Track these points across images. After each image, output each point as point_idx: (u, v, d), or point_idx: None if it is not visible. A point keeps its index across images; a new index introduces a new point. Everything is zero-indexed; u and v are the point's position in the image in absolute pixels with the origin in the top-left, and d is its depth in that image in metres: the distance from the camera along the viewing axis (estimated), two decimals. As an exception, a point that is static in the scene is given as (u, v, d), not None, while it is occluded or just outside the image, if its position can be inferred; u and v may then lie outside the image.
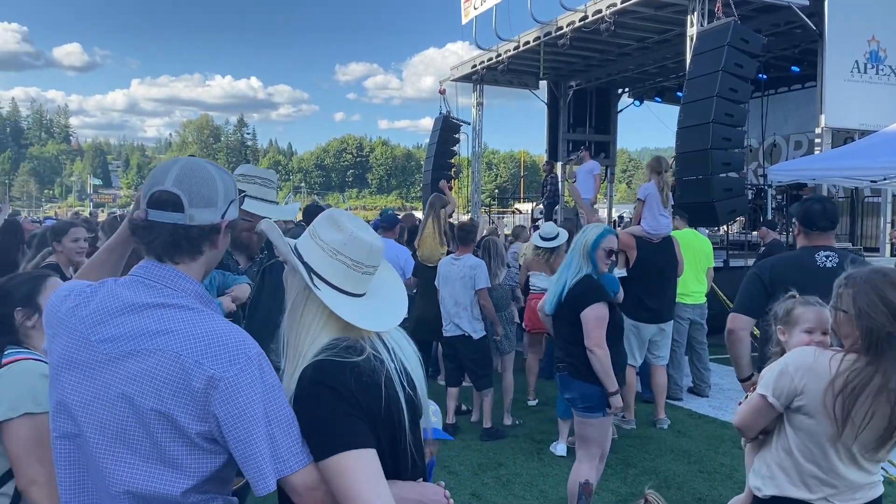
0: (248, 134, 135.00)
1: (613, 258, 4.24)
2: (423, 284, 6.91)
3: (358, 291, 1.73)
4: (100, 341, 1.54)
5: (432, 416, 2.49)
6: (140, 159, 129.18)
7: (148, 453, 1.51)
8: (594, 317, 4.06)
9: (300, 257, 1.70)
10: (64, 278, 4.77)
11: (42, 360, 2.25)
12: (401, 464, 1.68)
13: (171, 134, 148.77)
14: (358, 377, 1.60)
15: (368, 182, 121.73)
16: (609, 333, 4.11)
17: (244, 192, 3.12)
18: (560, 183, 16.63)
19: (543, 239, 7.15)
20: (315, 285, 1.66)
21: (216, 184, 1.64)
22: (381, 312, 1.75)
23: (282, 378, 1.65)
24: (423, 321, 6.64)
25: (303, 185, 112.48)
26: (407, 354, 1.75)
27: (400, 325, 1.83)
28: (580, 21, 13.25)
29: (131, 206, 1.73)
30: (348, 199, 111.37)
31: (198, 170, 1.63)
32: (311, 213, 7.46)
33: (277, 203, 3.32)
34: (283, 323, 1.74)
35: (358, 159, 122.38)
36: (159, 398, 1.49)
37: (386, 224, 7.55)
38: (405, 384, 1.69)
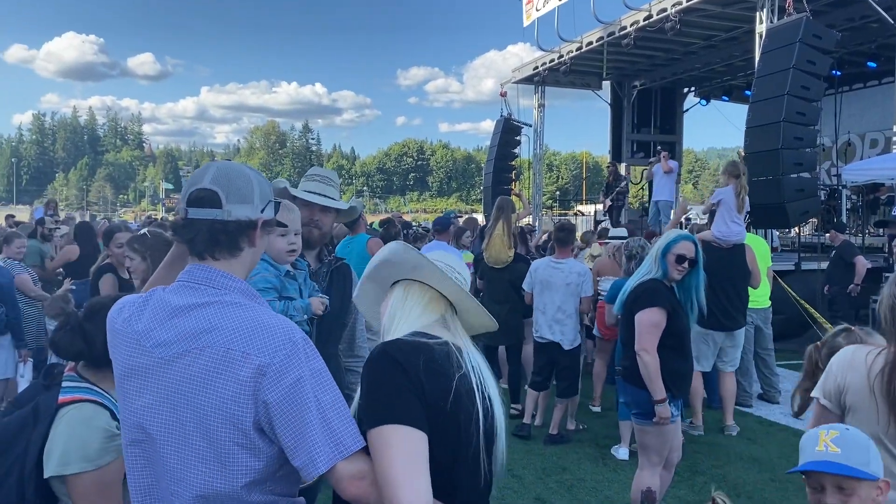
0: (312, 139, 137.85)
1: (686, 265, 4.04)
2: (490, 287, 6.88)
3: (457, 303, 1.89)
4: (154, 346, 1.60)
5: None
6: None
7: (206, 453, 1.55)
8: (646, 321, 3.95)
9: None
10: (118, 278, 5.01)
11: (99, 403, 2.16)
12: (469, 471, 1.65)
13: (238, 140, 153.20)
14: (428, 361, 1.61)
15: (429, 185, 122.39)
16: (666, 340, 3.97)
17: (306, 189, 3.24)
18: (625, 184, 16.29)
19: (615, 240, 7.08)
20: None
21: (252, 182, 1.69)
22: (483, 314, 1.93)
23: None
24: (504, 326, 6.61)
25: (365, 188, 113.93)
26: (486, 374, 1.76)
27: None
28: (644, 20, 13.07)
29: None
30: (409, 202, 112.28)
31: (233, 169, 1.70)
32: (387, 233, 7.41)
33: (334, 199, 3.40)
34: (383, 320, 1.84)
35: (419, 163, 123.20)
36: (213, 393, 1.53)
37: (439, 227, 7.64)
38: (485, 398, 1.70)
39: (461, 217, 12.00)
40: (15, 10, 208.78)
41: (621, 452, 5.78)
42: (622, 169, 17.48)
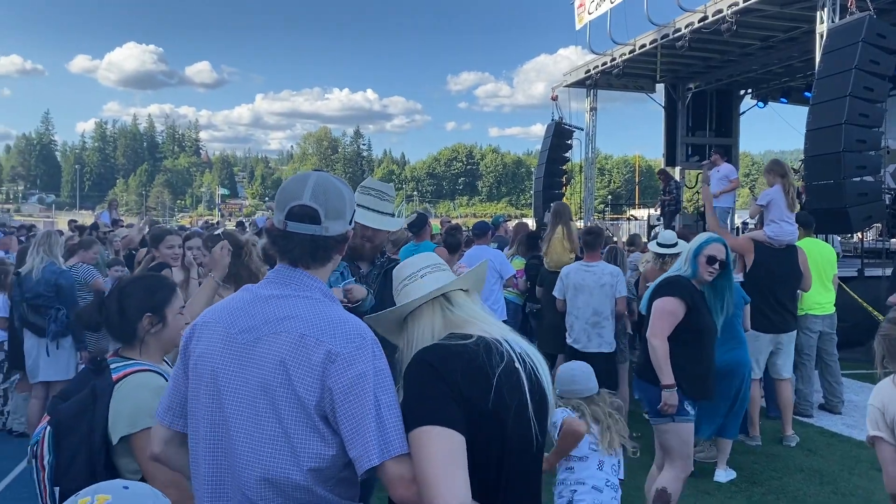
0: (363, 145, 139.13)
1: (717, 266, 4.02)
2: (550, 291, 6.85)
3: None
4: (238, 332, 1.71)
5: None
6: (264, 171, 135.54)
7: (277, 435, 1.62)
8: (660, 308, 3.95)
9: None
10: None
11: (154, 371, 2.32)
12: (508, 460, 1.70)
13: (292, 146, 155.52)
14: (466, 364, 1.66)
15: (479, 190, 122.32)
16: (682, 335, 3.94)
17: (362, 204, 3.27)
18: (680, 189, 15.98)
19: (661, 246, 6.94)
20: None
21: (344, 197, 1.81)
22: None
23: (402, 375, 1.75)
24: (555, 331, 6.55)
25: (415, 193, 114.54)
26: (538, 358, 1.82)
27: (526, 336, 1.91)
28: (699, 22, 12.85)
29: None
30: (458, 206, 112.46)
31: (330, 185, 1.79)
32: (416, 223, 7.52)
33: (391, 214, 3.44)
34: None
35: (468, 167, 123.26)
36: (285, 373, 1.62)
37: (477, 232, 7.66)
38: (536, 386, 1.75)
39: (509, 221, 11.97)
40: (79, 21, 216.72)
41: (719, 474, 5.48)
42: (675, 173, 17.18)
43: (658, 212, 15.59)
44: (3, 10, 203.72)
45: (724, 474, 5.42)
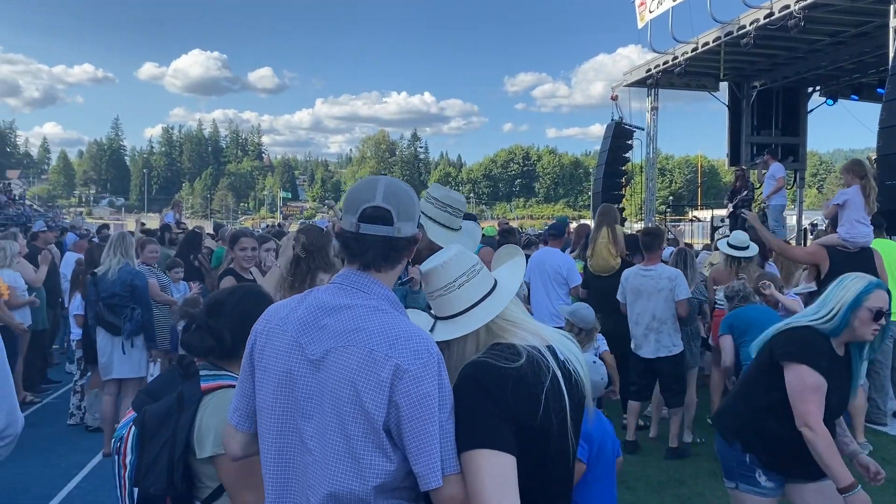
0: (420, 147, 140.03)
1: (883, 321, 3.02)
2: (596, 295, 6.76)
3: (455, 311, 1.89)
4: (308, 343, 1.71)
5: None
6: (323, 174, 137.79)
7: (343, 451, 1.62)
8: (802, 385, 2.92)
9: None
10: (238, 279, 5.28)
11: None
12: (551, 469, 1.73)
13: (351, 150, 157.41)
14: (516, 385, 1.66)
15: (535, 191, 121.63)
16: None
17: (436, 219, 3.28)
18: (753, 191, 15.40)
19: (733, 248, 6.73)
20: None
21: (413, 200, 1.81)
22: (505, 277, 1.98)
23: None
24: (601, 333, 6.50)
25: (471, 195, 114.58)
26: (579, 359, 1.84)
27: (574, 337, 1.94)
28: (765, 18, 12.52)
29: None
30: (515, 208, 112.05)
31: (400, 188, 1.80)
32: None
33: (458, 230, 3.46)
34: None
35: (525, 168, 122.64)
36: (354, 387, 1.62)
37: (554, 233, 7.54)
38: (575, 391, 1.77)
39: (572, 222, 11.84)
40: (147, 30, 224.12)
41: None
42: (754, 176, 16.69)
43: (729, 212, 15.04)
44: (76, 22, 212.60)
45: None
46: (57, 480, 5.47)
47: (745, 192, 14.73)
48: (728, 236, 7.52)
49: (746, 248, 6.65)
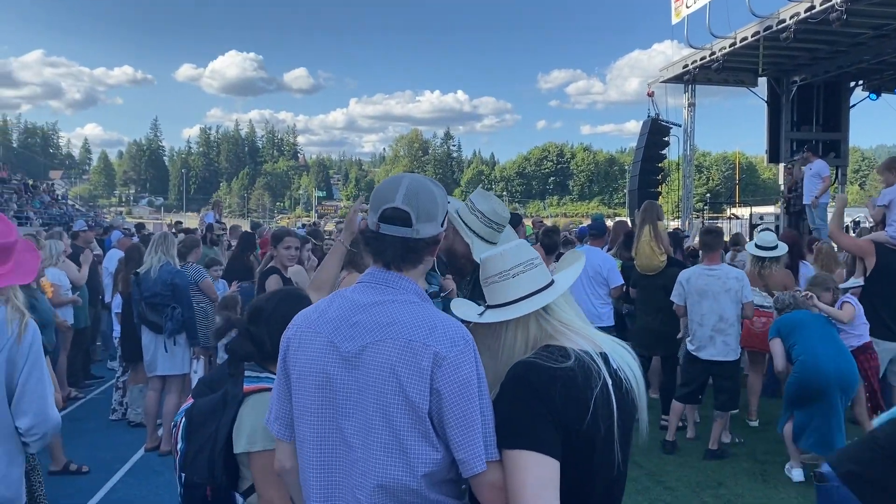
0: (453, 146, 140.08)
1: None
2: (642, 295, 6.67)
3: (515, 296, 1.86)
4: (343, 341, 1.73)
5: None
6: (357, 173, 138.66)
7: (390, 442, 1.64)
8: None
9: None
10: (283, 278, 5.37)
11: None
12: (594, 478, 1.69)
13: (384, 149, 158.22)
14: (565, 388, 1.65)
15: (570, 189, 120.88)
16: None
17: (478, 234, 3.27)
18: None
19: (760, 248, 6.61)
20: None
21: (437, 200, 1.81)
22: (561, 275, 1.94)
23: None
24: (647, 333, 6.42)
25: (505, 194, 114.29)
26: (634, 370, 1.80)
27: (620, 338, 1.89)
28: (806, 12, 12.27)
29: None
30: (549, 206, 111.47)
31: (422, 188, 1.79)
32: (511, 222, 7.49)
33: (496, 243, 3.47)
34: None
35: (559, 166, 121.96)
36: (396, 380, 1.63)
37: (595, 232, 7.45)
38: (625, 401, 1.73)
39: (607, 220, 11.72)
40: (185, 32, 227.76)
41: (796, 473, 5.40)
42: (780, 170, 16.39)
43: (783, 211, 14.55)
44: (116, 25, 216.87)
45: (798, 472, 5.38)
46: (101, 474, 5.59)
47: (799, 190, 14.35)
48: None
49: (774, 248, 6.52)
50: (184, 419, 2.49)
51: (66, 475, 5.53)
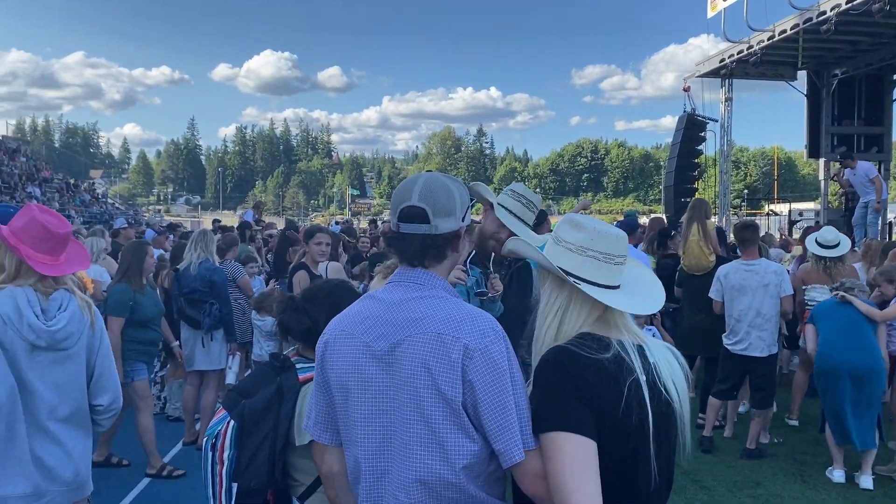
0: (486, 143, 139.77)
1: None
2: (689, 294, 6.56)
3: (612, 283, 1.77)
4: (375, 340, 1.76)
5: None
6: (391, 171, 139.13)
7: (426, 437, 1.66)
8: None
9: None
10: (311, 275, 5.43)
11: None
12: (639, 475, 1.66)
13: (417, 146, 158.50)
14: (597, 375, 1.63)
15: (604, 185, 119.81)
16: None
17: (508, 207, 3.35)
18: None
19: (822, 246, 6.41)
20: (575, 282, 1.74)
21: (453, 195, 1.83)
22: (639, 299, 1.80)
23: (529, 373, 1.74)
24: (694, 333, 6.33)
25: (538, 190, 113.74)
26: (672, 370, 1.75)
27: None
28: (847, 3, 12.01)
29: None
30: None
31: (438, 185, 1.83)
32: (537, 218, 7.44)
33: (531, 226, 3.49)
34: (536, 320, 1.85)
35: (593, 162, 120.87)
36: (428, 374, 1.66)
37: (627, 229, 7.36)
38: (659, 398, 1.68)
39: (642, 216, 11.60)
40: (221, 32, 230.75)
41: (837, 475, 5.31)
42: (820, 165, 16.02)
43: (844, 206, 14.09)
44: (154, 26, 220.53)
45: (840, 474, 5.32)
46: (140, 467, 5.70)
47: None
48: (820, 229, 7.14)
49: (836, 245, 6.32)
50: (231, 424, 2.38)
51: (107, 467, 5.65)
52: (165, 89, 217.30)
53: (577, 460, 1.56)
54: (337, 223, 21.11)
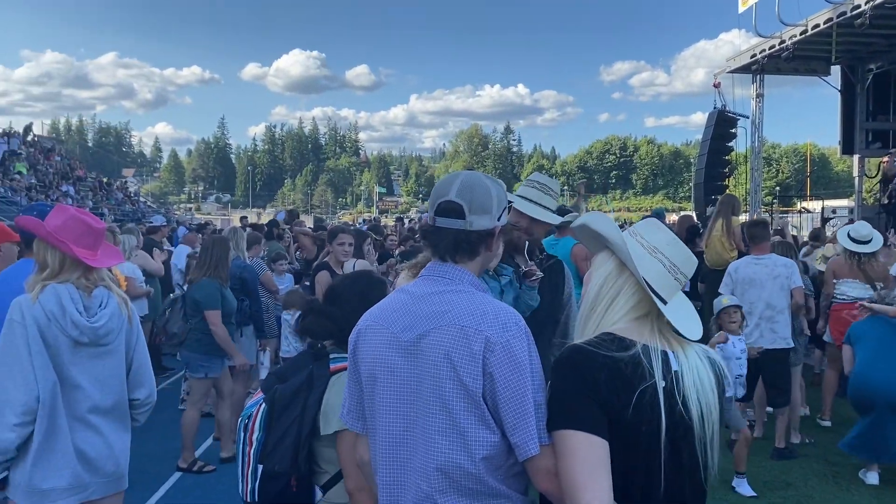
0: (513, 140, 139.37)
1: None
2: (711, 289, 6.53)
3: (665, 296, 1.75)
4: (402, 331, 1.80)
5: None
6: (418, 169, 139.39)
7: (447, 426, 1.70)
8: None
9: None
10: (332, 274, 5.46)
11: None
12: (653, 482, 1.63)
13: (444, 144, 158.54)
14: (610, 377, 1.62)
15: (633, 183, 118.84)
16: None
17: (524, 196, 3.31)
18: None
19: (854, 241, 6.32)
20: (639, 271, 1.72)
21: (491, 194, 1.86)
22: (684, 322, 1.75)
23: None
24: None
25: (566, 188, 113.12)
26: (701, 384, 1.68)
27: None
28: (882, -4, 11.76)
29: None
30: (611, 200, 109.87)
31: (476, 182, 1.86)
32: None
33: (552, 210, 3.43)
34: (583, 303, 1.83)
35: (622, 159, 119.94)
36: (450, 363, 1.70)
37: None
38: (674, 409, 1.63)
39: (671, 214, 11.49)
40: (250, 31, 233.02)
41: (870, 477, 5.23)
42: (854, 161, 15.71)
43: (882, 204, 13.75)
44: (185, 25, 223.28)
45: (874, 476, 5.23)
46: (171, 462, 5.79)
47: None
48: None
49: (869, 241, 6.21)
50: (262, 407, 2.45)
51: (135, 458, 5.74)
52: (196, 89, 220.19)
53: (588, 459, 1.56)
54: (364, 221, 21.26)
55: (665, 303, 1.75)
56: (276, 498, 2.38)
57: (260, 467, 2.40)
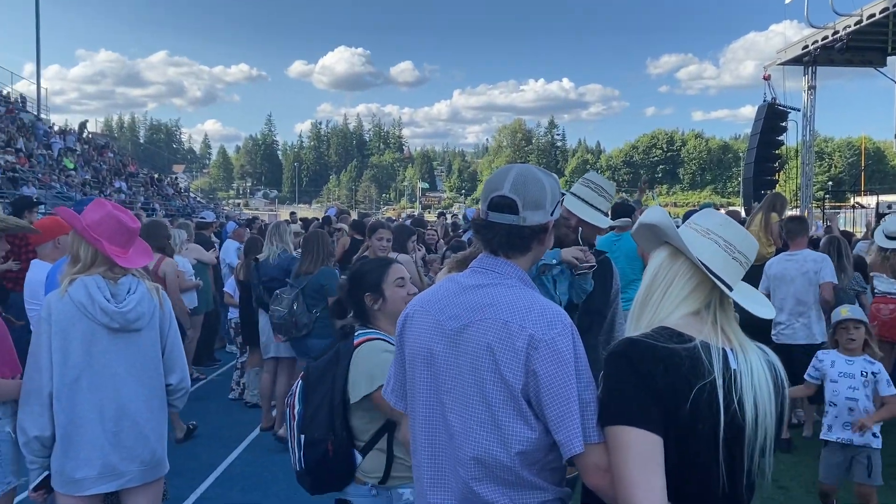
0: (557, 135, 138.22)
1: None
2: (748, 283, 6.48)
3: (726, 278, 1.71)
4: (447, 319, 1.82)
5: None
6: (460, 164, 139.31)
7: (485, 418, 1.71)
8: None
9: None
10: None
11: (386, 340, 2.67)
12: (710, 481, 1.59)
13: (487, 139, 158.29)
14: (666, 372, 1.58)
15: (680, 177, 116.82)
16: None
17: (576, 193, 3.32)
18: None
19: (887, 237, 6.23)
20: (696, 257, 1.69)
21: (545, 188, 1.82)
22: (755, 303, 1.74)
23: None
24: (749, 326, 6.21)
25: (613, 182, 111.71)
26: (759, 386, 1.63)
27: None
28: (942, -17, 11.38)
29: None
30: (658, 195, 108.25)
31: (530, 176, 1.83)
32: (623, 212, 7.36)
33: (604, 213, 3.44)
34: (636, 297, 1.79)
35: (668, 154, 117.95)
36: (492, 358, 1.70)
37: None
38: (729, 408, 1.59)
39: (720, 209, 11.30)
40: (297, 29, 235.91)
41: None
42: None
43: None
44: (233, 24, 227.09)
45: None
46: (220, 450, 5.94)
47: None
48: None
49: None
50: (299, 383, 2.76)
51: (187, 446, 5.91)
52: (244, 86, 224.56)
53: (640, 455, 1.53)
54: (408, 217, 21.36)
55: (731, 289, 1.72)
56: (318, 464, 2.61)
57: (302, 437, 2.64)
